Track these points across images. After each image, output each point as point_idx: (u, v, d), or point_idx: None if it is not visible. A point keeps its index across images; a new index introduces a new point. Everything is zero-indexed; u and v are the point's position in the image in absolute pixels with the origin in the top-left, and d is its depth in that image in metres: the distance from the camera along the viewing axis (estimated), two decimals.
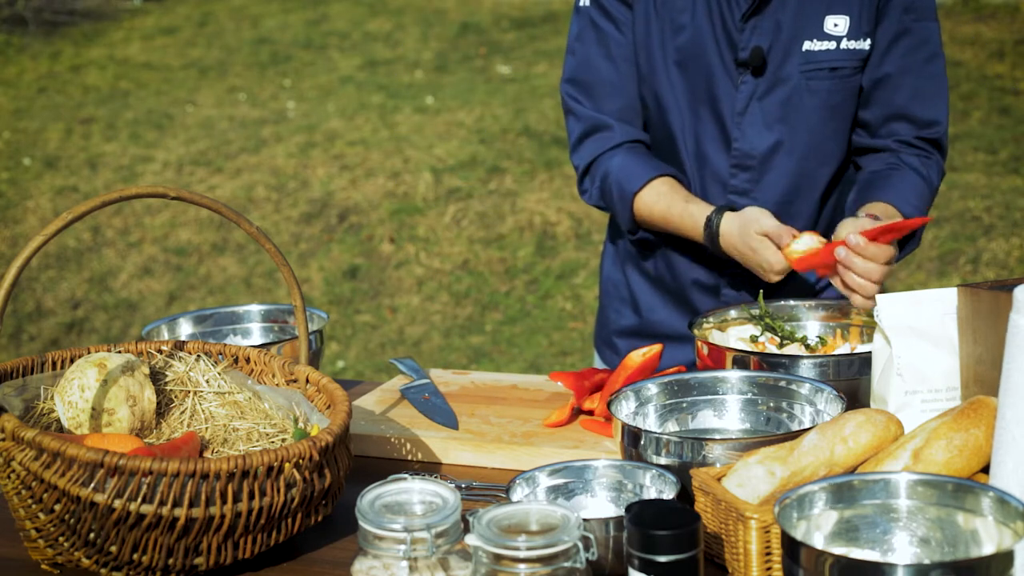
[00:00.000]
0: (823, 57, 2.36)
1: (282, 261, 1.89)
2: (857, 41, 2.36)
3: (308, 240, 7.12)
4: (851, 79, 2.38)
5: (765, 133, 2.40)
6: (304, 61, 10.39)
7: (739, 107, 2.39)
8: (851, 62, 2.37)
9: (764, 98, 2.38)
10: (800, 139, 2.40)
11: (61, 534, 1.66)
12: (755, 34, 2.36)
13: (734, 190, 2.43)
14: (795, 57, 2.35)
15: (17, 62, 10.85)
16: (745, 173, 2.42)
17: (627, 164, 2.43)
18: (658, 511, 1.48)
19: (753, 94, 2.38)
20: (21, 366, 1.92)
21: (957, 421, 1.62)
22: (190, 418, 1.96)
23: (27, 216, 7.58)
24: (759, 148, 2.41)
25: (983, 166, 7.14)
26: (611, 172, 2.44)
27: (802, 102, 2.38)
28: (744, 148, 2.41)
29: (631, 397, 1.96)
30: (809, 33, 2.35)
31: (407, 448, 2.11)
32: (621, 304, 2.65)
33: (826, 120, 2.40)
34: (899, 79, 2.39)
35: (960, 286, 1.81)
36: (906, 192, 2.35)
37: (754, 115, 2.39)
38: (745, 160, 2.41)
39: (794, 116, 2.39)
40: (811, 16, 2.35)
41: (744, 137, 2.40)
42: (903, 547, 1.49)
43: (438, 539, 1.52)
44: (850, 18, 2.35)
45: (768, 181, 2.42)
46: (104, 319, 6.65)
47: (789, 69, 2.36)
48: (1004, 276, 5.90)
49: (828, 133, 2.41)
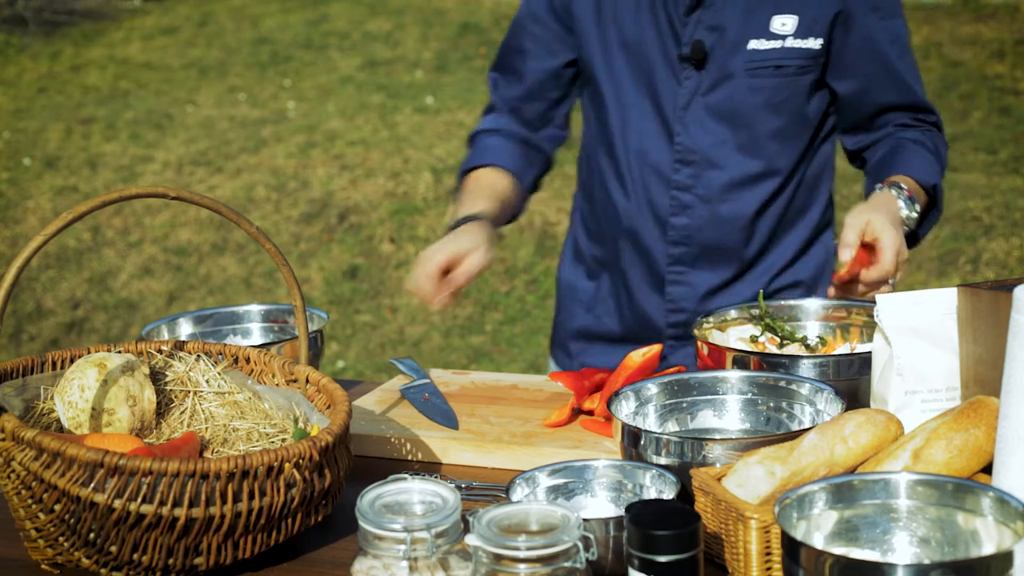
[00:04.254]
0: (768, 55, 2.36)
1: (282, 261, 1.89)
2: (805, 40, 2.36)
3: (308, 240, 7.12)
4: (796, 78, 2.38)
5: (708, 129, 2.41)
6: (304, 61, 10.39)
7: (682, 102, 2.40)
8: (796, 60, 2.37)
9: (708, 94, 2.39)
10: (743, 137, 2.41)
11: (61, 534, 1.66)
12: (698, 29, 2.37)
13: (677, 185, 2.44)
14: (740, 54, 2.36)
15: (17, 62, 10.85)
16: (688, 168, 2.43)
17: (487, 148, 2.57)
18: (658, 511, 1.48)
19: (696, 90, 2.39)
20: (21, 366, 1.92)
21: (957, 421, 1.62)
22: (190, 418, 1.96)
23: (27, 216, 7.58)
24: (702, 144, 2.42)
25: (983, 166, 7.15)
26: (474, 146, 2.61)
27: (746, 99, 2.39)
28: (687, 143, 2.42)
29: (631, 397, 1.96)
30: (755, 32, 2.36)
31: (407, 448, 2.11)
32: (576, 306, 2.67)
33: (768, 119, 2.40)
34: (877, 80, 2.41)
35: (960, 286, 1.81)
36: (918, 163, 2.39)
37: (697, 111, 2.40)
38: (688, 155, 2.43)
39: (737, 113, 2.40)
40: (758, 15, 2.36)
41: (687, 132, 2.42)
42: (903, 547, 1.49)
43: (438, 539, 1.52)
44: (799, 18, 2.36)
45: (710, 177, 2.43)
46: (104, 319, 6.65)
47: (733, 66, 2.37)
48: (1004, 276, 5.90)
49: (771, 132, 2.42)
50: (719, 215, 2.44)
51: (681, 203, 2.45)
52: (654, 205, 2.47)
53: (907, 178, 2.34)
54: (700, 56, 2.36)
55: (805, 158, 2.48)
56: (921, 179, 2.34)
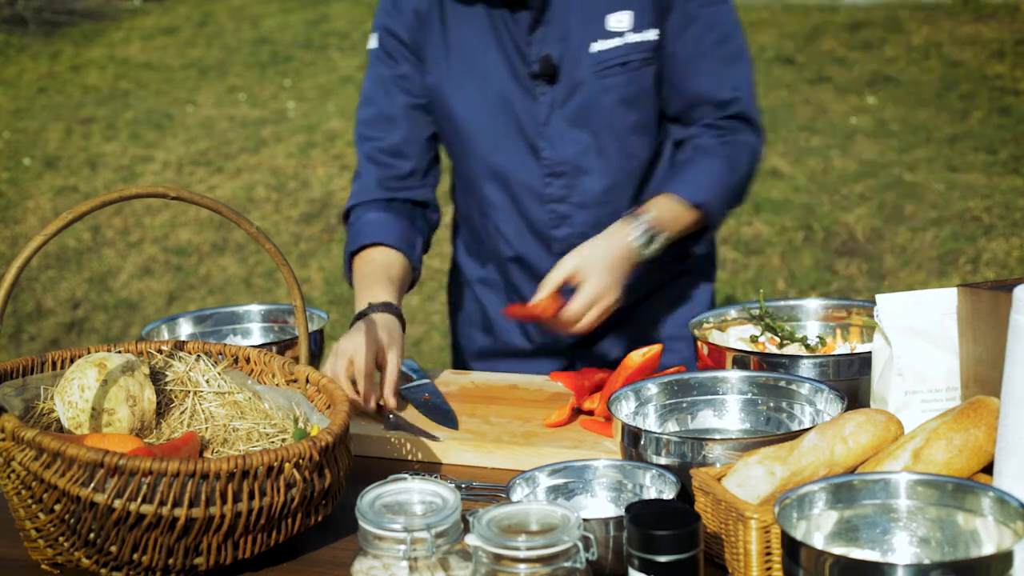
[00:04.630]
0: (611, 55, 2.38)
1: (282, 261, 1.89)
2: (642, 33, 2.38)
3: (308, 240, 7.12)
4: (642, 71, 2.41)
5: (571, 138, 2.43)
6: (304, 61, 10.39)
7: (541, 118, 2.43)
8: (639, 54, 2.39)
9: (565, 105, 2.42)
10: (606, 138, 2.44)
11: (61, 534, 1.66)
12: (544, 44, 2.39)
13: (551, 198, 2.47)
14: (585, 60, 2.39)
15: (17, 62, 10.85)
16: (559, 180, 2.46)
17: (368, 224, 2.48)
18: (658, 511, 1.48)
19: (553, 103, 2.42)
20: (21, 366, 1.92)
21: (957, 421, 1.62)
22: (190, 418, 1.96)
23: (27, 216, 7.58)
24: (568, 154, 2.45)
25: (983, 166, 7.14)
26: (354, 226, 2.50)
27: (600, 102, 2.41)
28: (553, 157, 2.45)
29: (631, 397, 1.96)
30: (594, 34, 2.38)
31: (407, 448, 2.11)
32: (471, 329, 2.71)
33: (626, 115, 2.43)
34: (692, 66, 2.41)
35: (960, 286, 1.81)
36: (695, 178, 2.38)
37: (557, 123, 2.43)
38: (556, 168, 2.46)
39: (595, 117, 2.42)
40: (594, 17, 2.38)
41: (551, 146, 2.44)
42: (903, 547, 1.49)
43: (438, 539, 1.52)
44: (633, 12, 2.38)
45: (583, 184, 2.46)
46: (104, 319, 6.65)
47: (582, 72, 2.39)
48: (1004, 276, 5.90)
49: (631, 127, 2.44)
50: (598, 219, 2.47)
51: (559, 215, 2.49)
52: (533, 223, 2.51)
53: (670, 200, 2.34)
54: (550, 71, 2.40)
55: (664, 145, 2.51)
56: (689, 198, 2.35)
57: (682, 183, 2.37)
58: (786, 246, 6.50)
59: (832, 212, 6.68)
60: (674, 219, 2.34)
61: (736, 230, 6.60)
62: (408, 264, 2.47)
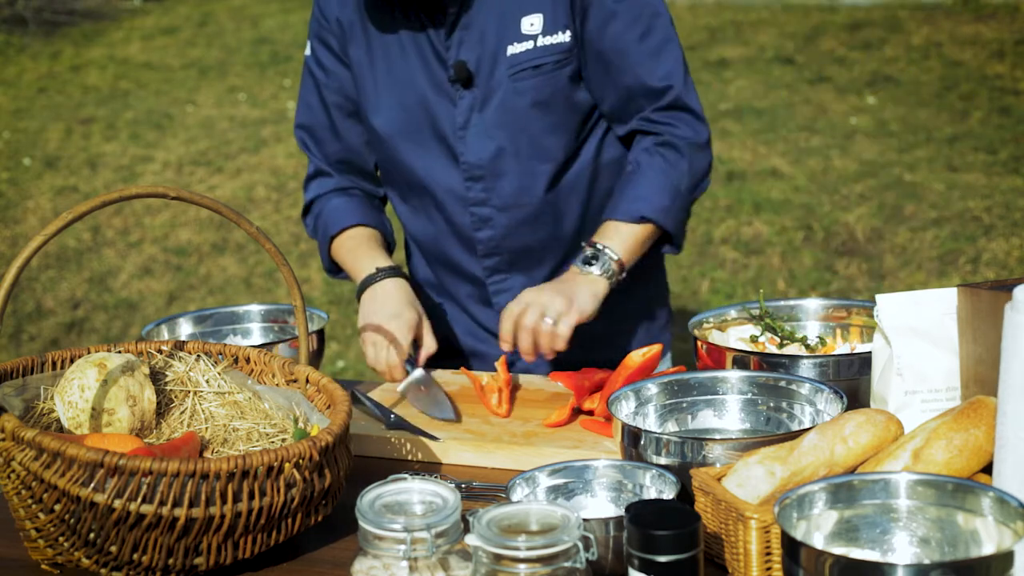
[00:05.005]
0: (524, 58, 2.39)
1: (282, 261, 1.89)
2: (554, 36, 2.38)
3: (308, 240, 7.12)
4: (555, 74, 2.40)
5: (487, 142, 2.45)
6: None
7: (460, 122, 2.45)
8: (551, 57, 2.39)
9: (483, 108, 2.43)
10: (521, 141, 2.45)
11: (61, 534, 1.66)
12: (462, 49, 2.41)
13: (473, 202, 2.49)
14: (502, 63, 2.40)
15: (17, 62, 10.85)
16: (478, 184, 2.48)
17: (336, 209, 2.57)
18: (658, 511, 1.48)
19: (472, 107, 2.43)
20: (21, 366, 1.92)
21: (957, 421, 1.62)
22: (190, 418, 1.96)
23: (27, 216, 7.58)
24: (484, 157, 2.46)
25: (983, 166, 7.14)
26: (322, 213, 2.59)
27: (514, 104, 2.42)
28: (471, 160, 2.46)
29: (631, 397, 1.96)
30: (510, 37, 2.39)
31: (407, 448, 2.11)
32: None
33: (539, 117, 2.43)
34: (619, 62, 2.40)
35: (960, 286, 1.81)
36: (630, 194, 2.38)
37: (476, 127, 2.44)
38: (474, 171, 2.47)
39: (510, 120, 2.43)
40: (509, 21, 2.39)
41: (469, 150, 2.46)
42: (903, 547, 1.49)
43: (438, 539, 1.52)
44: (543, 15, 2.38)
45: (500, 187, 2.48)
46: (104, 319, 6.65)
47: (498, 76, 2.40)
48: (1004, 276, 5.90)
49: (545, 129, 2.44)
50: (517, 219, 2.49)
51: (480, 217, 2.50)
52: (456, 226, 2.53)
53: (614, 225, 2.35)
54: (464, 76, 2.41)
55: (587, 145, 2.50)
56: (631, 215, 2.35)
57: (623, 201, 2.38)
58: (786, 246, 6.50)
59: (832, 212, 6.68)
60: (624, 240, 2.34)
61: (736, 230, 6.60)
62: (387, 242, 2.58)
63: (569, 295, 2.27)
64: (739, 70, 8.98)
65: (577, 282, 2.31)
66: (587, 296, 2.29)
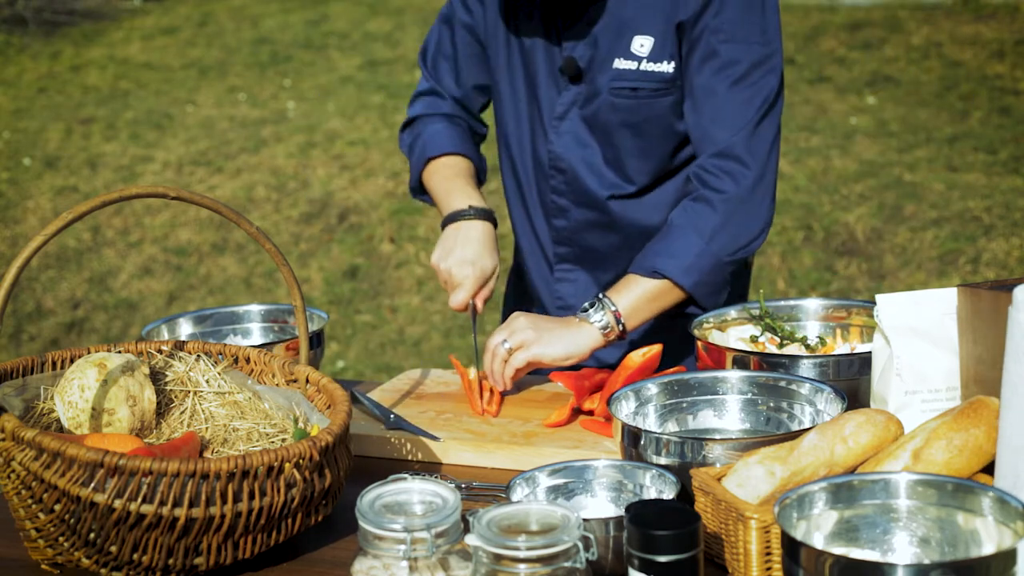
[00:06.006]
0: (627, 76, 2.37)
1: (282, 261, 1.89)
2: (659, 64, 2.34)
3: (308, 240, 7.12)
4: (652, 101, 2.36)
5: (577, 140, 2.45)
6: (304, 61, 10.39)
7: (559, 112, 2.45)
8: (651, 84, 2.35)
9: (584, 107, 2.43)
10: (608, 152, 2.44)
11: (61, 534, 1.66)
12: (578, 44, 2.40)
13: (554, 190, 2.51)
14: (607, 73, 2.38)
15: (17, 62, 10.85)
16: (560, 175, 2.49)
17: (439, 132, 2.59)
18: (658, 511, 1.48)
19: (575, 102, 2.44)
20: (21, 366, 1.92)
21: (957, 421, 1.62)
22: (190, 418, 1.96)
23: (27, 216, 7.58)
24: (569, 153, 2.46)
25: (983, 166, 7.14)
26: (423, 133, 2.61)
27: (607, 117, 2.41)
28: (557, 151, 2.47)
29: (631, 397, 1.96)
30: (620, 51, 2.37)
31: (407, 448, 2.11)
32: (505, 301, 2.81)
33: (628, 138, 2.41)
34: (704, 101, 2.33)
35: (960, 286, 1.81)
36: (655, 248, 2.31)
37: (573, 121, 2.45)
38: (558, 162, 2.48)
39: (600, 129, 2.43)
40: (623, 34, 2.37)
41: (559, 140, 2.47)
42: (903, 547, 1.49)
43: (438, 539, 1.52)
44: (654, 39, 2.34)
45: (578, 185, 2.48)
46: (104, 319, 6.65)
47: (601, 83, 2.40)
48: (1004, 276, 5.90)
49: (632, 150, 2.42)
50: (591, 220, 2.50)
51: (558, 206, 2.51)
52: (544, 203, 2.55)
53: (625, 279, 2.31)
54: (572, 72, 2.41)
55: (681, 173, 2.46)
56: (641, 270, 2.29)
57: (643, 255, 2.32)
58: (786, 246, 6.50)
59: (832, 212, 6.68)
60: (632, 294, 2.28)
61: None
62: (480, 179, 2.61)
63: (544, 332, 2.24)
64: None
65: (567, 326, 2.26)
66: (566, 342, 2.23)
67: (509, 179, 2.62)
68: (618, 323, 2.26)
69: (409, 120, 2.66)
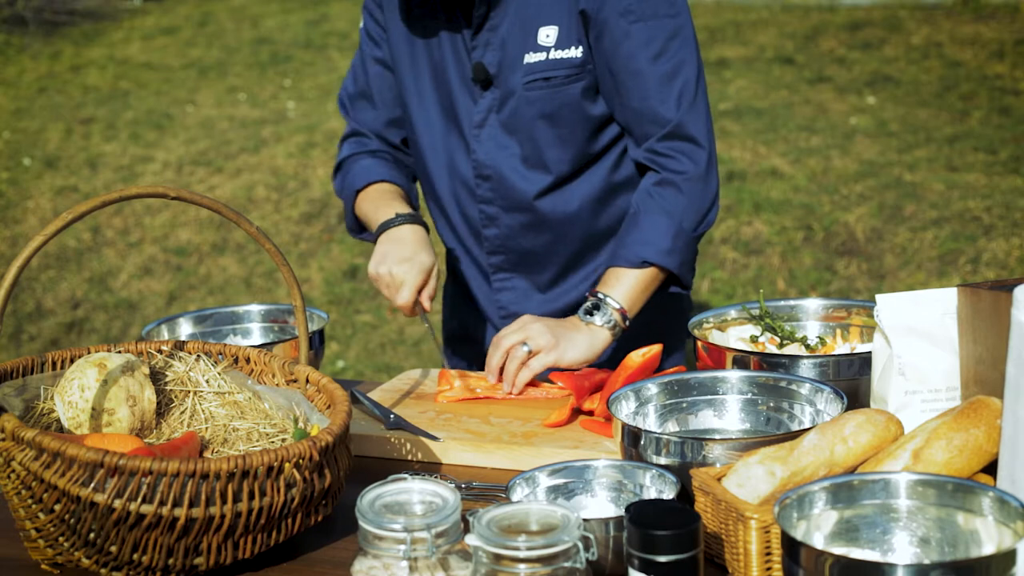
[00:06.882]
0: (538, 68, 2.40)
1: (282, 261, 1.89)
2: (567, 50, 2.38)
3: (308, 240, 7.12)
4: (565, 88, 2.41)
5: (498, 144, 2.48)
6: (304, 61, 10.39)
7: (477, 120, 2.48)
8: (562, 71, 2.39)
9: (500, 111, 2.46)
10: (528, 148, 2.47)
11: (61, 534, 1.66)
12: (487, 51, 2.43)
13: (481, 199, 2.53)
14: (518, 70, 2.41)
15: (17, 62, 10.85)
16: (486, 183, 2.51)
17: (364, 167, 2.60)
18: (658, 511, 1.48)
19: (491, 108, 2.46)
20: (21, 366, 1.92)
21: (957, 421, 1.62)
22: (190, 418, 1.96)
23: (27, 216, 7.58)
24: (493, 158, 2.49)
25: (983, 166, 7.14)
26: (349, 172, 2.62)
27: (524, 113, 2.44)
28: (481, 158, 2.50)
29: (631, 397, 1.96)
30: (528, 46, 2.40)
31: (407, 448, 2.11)
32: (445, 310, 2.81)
33: (546, 128, 2.44)
34: (630, 83, 2.37)
35: (960, 286, 1.81)
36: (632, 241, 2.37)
37: (492, 127, 2.47)
38: (483, 170, 2.51)
39: (520, 127, 2.45)
40: (529, 29, 2.40)
41: (481, 148, 2.49)
42: (903, 547, 1.49)
43: (438, 539, 1.52)
44: (559, 28, 2.38)
45: (505, 189, 2.50)
46: (104, 319, 6.65)
47: (514, 82, 2.42)
48: (1004, 276, 5.90)
49: (550, 141, 2.46)
50: (522, 223, 2.52)
51: (487, 215, 2.54)
52: (469, 218, 2.57)
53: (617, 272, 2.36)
54: (483, 77, 2.43)
55: (602, 159, 2.50)
56: (629, 262, 2.36)
57: (624, 247, 2.38)
58: (786, 246, 6.50)
59: (832, 212, 6.68)
60: (626, 287, 2.35)
61: (736, 230, 6.60)
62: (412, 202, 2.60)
63: (560, 337, 2.29)
64: (739, 70, 8.98)
65: (579, 329, 2.33)
66: (581, 346, 2.30)
67: (431, 202, 2.65)
68: (624, 319, 2.35)
69: (338, 164, 2.68)
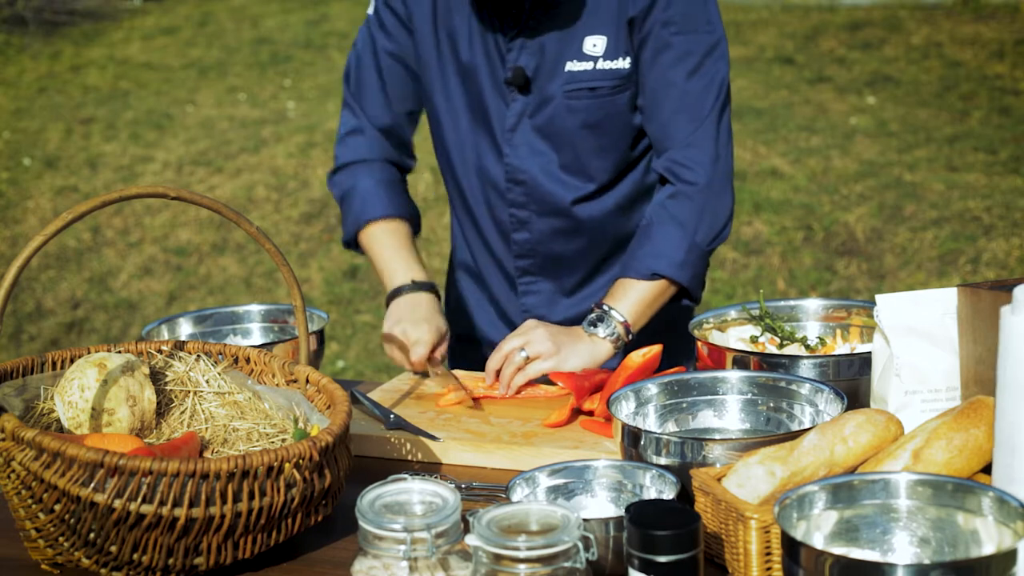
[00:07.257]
0: (583, 77, 2.39)
1: (282, 261, 1.89)
2: (614, 61, 2.38)
3: (308, 240, 7.12)
4: (611, 99, 2.40)
5: (532, 149, 2.46)
6: (304, 61, 10.39)
7: (509, 124, 2.46)
8: (608, 81, 2.39)
9: (534, 116, 2.44)
10: (567, 156, 2.45)
11: (61, 534, 1.66)
12: (522, 54, 2.41)
13: (512, 203, 2.52)
14: (559, 77, 2.40)
15: (17, 62, 10.85)
16: (519, 187, 2.50)
17: (372, 193, 2.56)
18: (658, 511, 1.48)
19: (523, 112, 2.45)
20: (21, 366, 1.92)
21: (957, 421, 1.62)
22: (190, 418, 1.96)
23: (27, 216, 7.58)
24: (528, 163, 2.47)
25: (983, 166, 7.15)
26: (356, 190, 2.58)
27: (564, 121, 2.42)
28: (515, 163, 2.48)
29: (631, 397, 1.96)
30: (571, 54, 2.39)
31: (407, 448, 2.11)
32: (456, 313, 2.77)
33: (588, 138, 2.43)
34: (661, 94, 2.37)
35: (960, 286, 1.81)
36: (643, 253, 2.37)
37: (524, 132, 2.46)
38: (516, 174, 2.49)
39: (557, 134, 2.44)
40: (573, 37, 2.38)
41: (515, 153, 2.48)
42: (903, 547, 1.49)
43: (438, 539, 1.52)
44: (607, 38, 2.37)
45: (539, 195, 2.49)
46: (104, 319, 6.65)
47: (553, 88, 2.41)
48: (1004, 276, 5.90)
49: (592, 150, 2.45)
50: (555, 228, 2.51)
51: (519, 219, 2.52)
52: (497, 220, 2.55)
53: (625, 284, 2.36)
54: (521, 82, 2.42)
55: (637, 166, 2.50)
56: (639, 274, 2.36)
57: (635, 259, 2.38)
58: (786, 246, 6.50)
59: (832, 212, 6.68)
60: (633, 299, 2.35)
61: (736, 230, 6.60)
62: (415, 231, 2.61)
63: (561, 345, 2.30)
64: (739, 70, 8.98)
65: (581, 339, 2.33)
66: (581, 356, 2.31)
67: (457, 202, 2.62)
68: (627, 332, 2.35)
69: (337, 167, 2.63)
